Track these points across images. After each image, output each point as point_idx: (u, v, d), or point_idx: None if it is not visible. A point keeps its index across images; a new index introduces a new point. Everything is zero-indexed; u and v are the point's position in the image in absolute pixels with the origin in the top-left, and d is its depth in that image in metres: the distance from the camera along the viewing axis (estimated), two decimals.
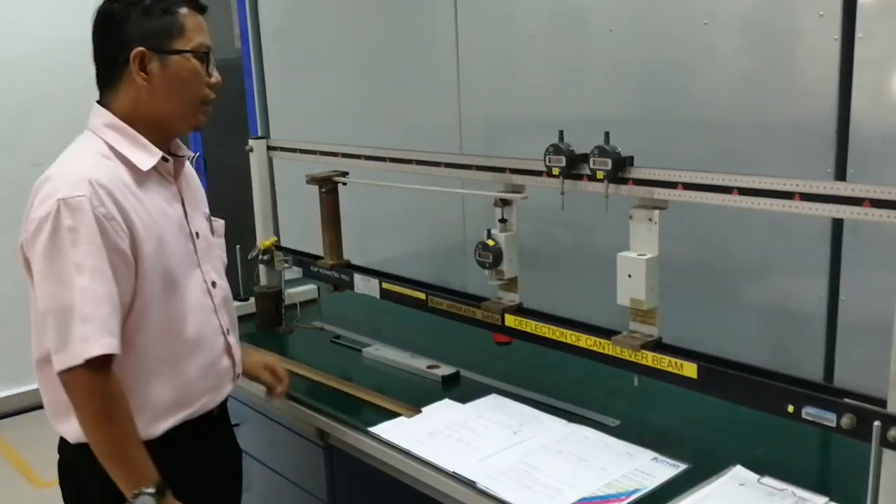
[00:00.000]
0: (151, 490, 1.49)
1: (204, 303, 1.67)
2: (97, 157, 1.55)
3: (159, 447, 1.58)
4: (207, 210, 1.80)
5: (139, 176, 1.58)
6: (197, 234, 1.69)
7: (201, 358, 1.66)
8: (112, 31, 1.58)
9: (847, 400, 1.38)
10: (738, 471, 1.60)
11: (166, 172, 1.65)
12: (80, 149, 1.59)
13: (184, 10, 1.60)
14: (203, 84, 1.62)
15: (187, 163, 1.79)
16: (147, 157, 1.59)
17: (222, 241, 1.83)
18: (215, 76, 1.65)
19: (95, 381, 1.46)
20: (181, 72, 1.59)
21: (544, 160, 1.75)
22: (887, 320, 1.36)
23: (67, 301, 1.45)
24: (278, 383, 1.99)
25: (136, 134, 1.59)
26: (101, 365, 1.46)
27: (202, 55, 1.61)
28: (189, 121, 1.65)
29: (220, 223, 1.83)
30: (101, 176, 1.51)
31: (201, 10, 1.65)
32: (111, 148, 1.57)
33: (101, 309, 1.46)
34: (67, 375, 1.46)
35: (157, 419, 1.59)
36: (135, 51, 1.55)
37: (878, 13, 1.69)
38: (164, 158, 1.62)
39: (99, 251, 1.46)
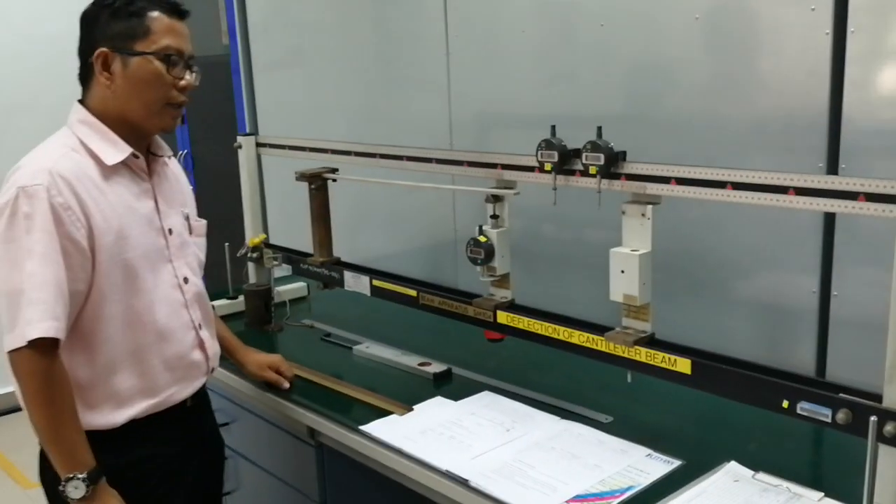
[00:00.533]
0: (83, 475, 1.54)
1: (174, 297, 1.72)
2: (65, 149, 1.61)
3: (125, 435, 1.65)
4: (189, 210, 1.83)
5: (106, 170, 1.62)
6: (170, 230, 1.73)
7: (168, 350, 1.70)
8: (85, 32, 1.65)
9: (842, 395, 1.38)
10: (733, 467, 1.59)
11: (139, 169, 1.69)
12: (51, 142, 1.65)
13: (154, 14, 1.63)
14: (166, 86, 1.64)
15: (172, 163, 1.85)
16: (114, 152, 1.63)
17: (202, 240, 1.86)
18: (186, 79, 1.66)
19: (38, 364, 1.50)
20: (141, 73, 1.61)
21: (536, 155, 1.74)
22: (879, 315, 1.36)
23: (18, 284, 1.50)
24: (284, 380, 2.07)
25: (107, 130, 1.64)
26: (45, 348, 1.50)
27: (166, 57, 1.62)
28: (153, 121, 1.67)
29: (201, 223, 1.86)
30: (63, 167, 1.56)
31: (179, 14, 1.67)
32: (81, 142, 1.62)
33: (45, 294, 1.50)
34: (13, 356, 1.51)
35: (120, 407, 1.64)
36: (98, 51, 1.61)
37: (870, 8, 1.68)
38: (134, 155, 1.66)
39: (51, 238, 1.51)
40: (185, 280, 1.75)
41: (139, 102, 1.63)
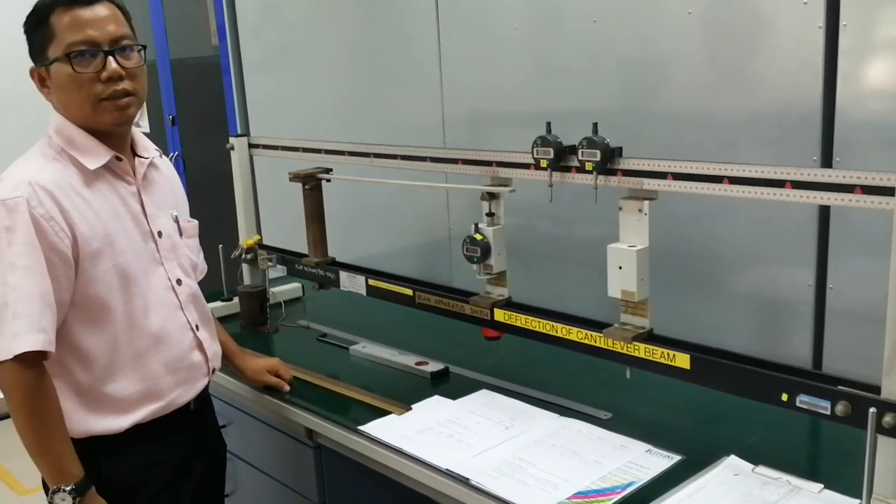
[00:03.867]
0: (69, 487, 1.53)
1: (168, 299, 1.71)
2: (44, 159, 1.59)
3: (130, 440, 1.64)
4: (178, 212, 1.80)
5: (88, 176, 1.61)
6: (159, 233, 1.71)
7: (167, 353, 1.69)
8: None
9: (841, 387, 1.38)
10: (733, 460, 1.60)
11: (122, 172, 1.67)
12: (32, 152, 1.63)
13: (55, 13, 1.56)
14: (87, 84, 1.56)
15: (163, 164, 1.82)
16: (94, 157, 1.61)
17: (194, 241, 1.85)
18: (110, 69, 1.56)
19: (24, 377, 1.49)
20: (59, 80, 1.58)
21: (532, 152, 1.74)
22: (875, 307, 1.37)
23: (1, 298, 1.49)
24: (284, 384, 2.07)
25: (85, 136, 1.61)
26: (30, 361, 1.50)
27: (69, 55, 1.54)
28: (98, 120, 1.60)
29: (192, 224, 1.85)
30: (43, 178, 1.54)
31: (84, 1, 1.56)
32: (62, 150, 1.61)
33: (31, 307, 1.49)
34: (1, 368, 1.49)
35: (123, 413, 1.64)
36: (29, 70, 1.62)
37: (862, 1, 1.69)
38: (117, 158, 1.64)
39: (33, 250, 1.50)
40: (178, 282, 1.73)
41: (73, 107, 1.60)
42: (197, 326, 1.77)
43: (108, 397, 1.62)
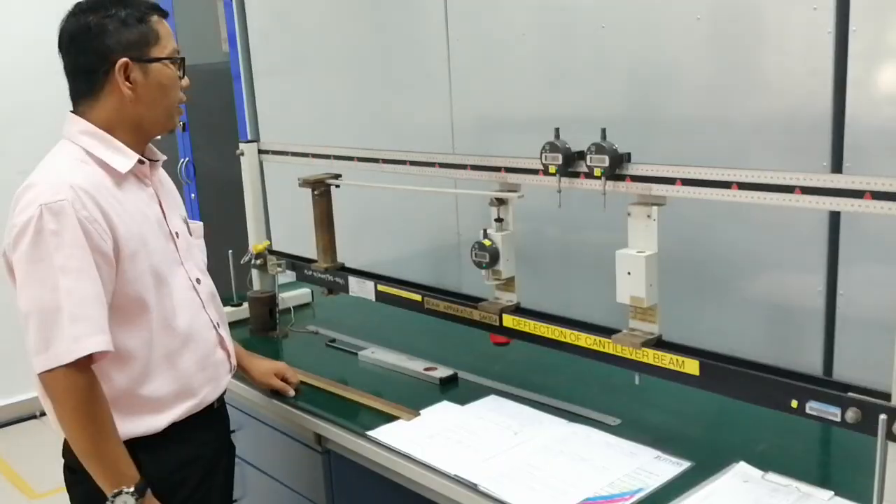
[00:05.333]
0: (131, 489, 1.54)
1: (192, 298, 1.73)
2: (75, 162, 1.60)
3: (165, 440, 1.65)
4: (184, 212, 1.85)
5: (118, 179, 1.62)
6: (177, 234, 1.74)
7: (196, 351, 1.71)
8: (90, 44, 1.61)
9: (851, 394, 1.38)
10: (742, 467, 1.59)
11: (143, 175, 1.70)
12: (59, 155, 1.63)
13: (155, 18, 1.65)
14: (178, 87, 1.70)
15: (161, 166, 1.84)
16: (124, 160, 1.64)
17: (201, 241, 1.89)
18: (186, 79, 1.72)
19: (78, 381, 1.49)
20: (162, 79, 1.65)
21: (540, 158, 1.74)
22: (886, 313, 1.36)
23: (52, 303, 1.48)
24: (290, 388, 2.08)
25: (113, 139, 1.63)
26: (84, 365, 1.50)
27: (178, 60, 1.68)
28: (166, 124, 1.71)
29: (198, 225, 1.89)
30: (81, 180, 1.55)
31: (165, 15, 1.70)
32: (89, 153, 1.61)
33: (91, 309, 1.50)
34: (48, 376, 1.49)
35: (159, 413, 1.65)
36: (119, 61, 1.60)
37: (872, 6, 1.68)
38: (140, 161, 1.67)
39: (84, 253, 1.50)
40: (198, 281, 1.76)
41: (160, 107, 1.66)
42: (218, 324, 1.80)
43: (145, 398, 1.63)
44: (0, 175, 3.99)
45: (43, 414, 1.68)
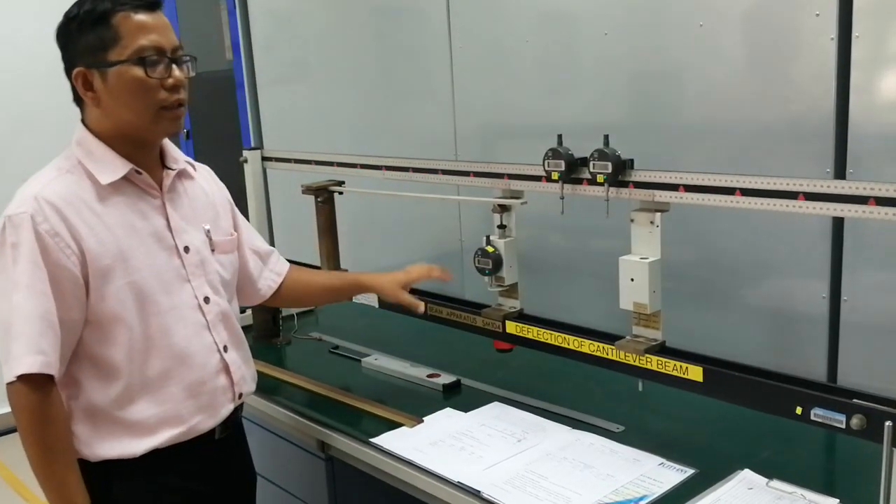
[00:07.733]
0: None
1: (193, 318, 1.61)
2: (57, 172, 1.54)
3: (146, 466, 1.57)
4: (214, 225, 1.70)
5: (104, 190, 1.53)
6: (186, 248, 1.61)
7: (188, 375, 1.60)
8: (61, 51, 1.55)
9: (856, 401, 1.37)
10: (746, 474, 1.58)
11: (146, 185, 1.59)
12: (49, 166, 1.57)
13: (120, 15, 1.48)
14: (152, 90, 1.50)
15: (199, 175, 1.74)
16: (109, 171, 1.54)
17: (227, 257, 1.73)
18: (174, 76, 1.52)
19: (30, 399, 1.46)
20: (122, 84, 1.49)
21: (543, 165, 1.74)
22: (890, 319, 1.36)
23: (6, 316, 1.46)
24: (420, 303, 1.95)
25: (105, 148, 1.55)
26: (36, 383, 1.45)
27: (141, 60, 1.49)
28: (152, 130, 1.55)
29: (225, 240, 1.73)
30: (50, 192, 1.49)
31: (148, 7, 1.51)
32: (80, 163, 1.54)
33: (30, 327, 1.45)
34: (9, 388, 1.46)
35: (139, 437, 1.56)
36: (74, 72, 1.52)
37: (875, 13, 1.68)
38: (136, 171, 1.56)
39: (35, 268, 1.45)
40: (206, 300, 1.63)
41: (130, 114, 1.52)
42: (225, 348, 1.66)
43: (125, 421, 1.55)
44: (5, 183, 4.04)
45: None
